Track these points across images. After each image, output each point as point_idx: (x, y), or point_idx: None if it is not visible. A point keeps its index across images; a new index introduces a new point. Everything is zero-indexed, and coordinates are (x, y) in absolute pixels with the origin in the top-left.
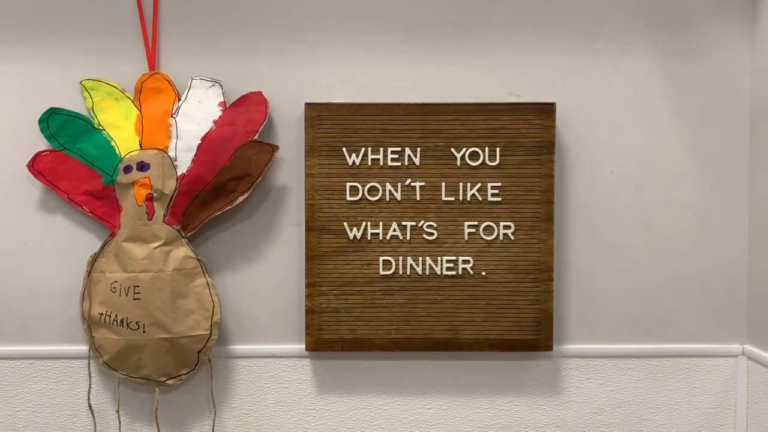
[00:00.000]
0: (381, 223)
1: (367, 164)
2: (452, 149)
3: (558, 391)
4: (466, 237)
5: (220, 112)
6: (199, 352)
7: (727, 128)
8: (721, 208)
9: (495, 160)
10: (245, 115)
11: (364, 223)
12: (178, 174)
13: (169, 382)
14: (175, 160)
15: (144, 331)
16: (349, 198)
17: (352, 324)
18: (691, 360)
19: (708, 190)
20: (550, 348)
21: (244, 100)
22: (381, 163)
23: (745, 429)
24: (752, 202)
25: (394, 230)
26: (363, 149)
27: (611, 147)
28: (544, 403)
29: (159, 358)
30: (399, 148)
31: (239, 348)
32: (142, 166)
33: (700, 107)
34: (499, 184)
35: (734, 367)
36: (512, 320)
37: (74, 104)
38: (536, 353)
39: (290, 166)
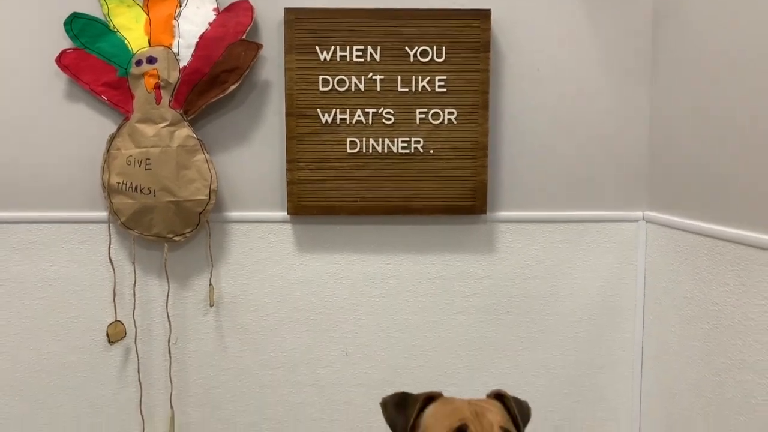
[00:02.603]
0: (348, 110)
1: (336, 60)
2: (406, 47)
3: (492, 250)
4: (417, 121)
5: (214, 16)
6: (200, 213)
7: (633, 25)
8: (626, 95)
9: (442, 57)
10: (235, 18)
11: (334, 109)
12: (181, 66)
13: (176, 238)
14: (178, 55)
15: (154, 196)
16: (321, 89)
17: (325, 193)
18: (601, 224)
19: (615, 79)
20: (484, 211)
21: (233, 7)
22: (348, 59)
23: (644, 279)
24: (653, 91)
25: (359, 116)
26: (333, 47)
27: (538, 48)
28: (480, 259)
29: (167, 218)
30: (363, 47)
31: (232, 214)
32: (151, 60)
33: (610, 13)
34: (445, 77)
35: (636, 230)
36: (454, 190)
37: (93, 11)
38: (474, 217)
39: (272, 63)
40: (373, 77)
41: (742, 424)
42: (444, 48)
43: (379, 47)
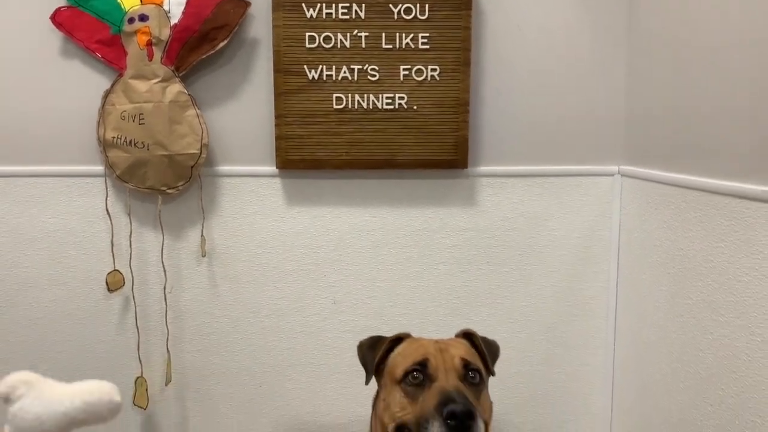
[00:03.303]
0: (334, 67)
1: (322, 17)
2: (390, 5)
3: (473, 203)
4: (401, 78)
5: None
6: (192, 167)
7: None
8: (603, 54)
9: (425, 14)
10: None
11: (320, 66)
12: (171, 24)
13: (169, 191)
14: (169, 12)
15: (148, 150)
16: (307, 45)
17: (312, 148)
18: (578, 178)
19: (593, 36)
20: (465, 166)
21: None
22: (333, 17)
23: (618, 231)
24: (630, 48)
25: (344, 72)
26: (319, 5)
27: (518, 6)
28: (462, 212)
29: (160, 171)
30: (348, 4)
31: (223, 168)
32: (143, 18)
33: None
34: (428, 34)
35: (612, 184)
36: (437, 144)
37: None
38: (456, 171)
39: (260, 20)
40: (358, 34)
41: (701, 360)
42: (427, 5)
43: (363, 4)
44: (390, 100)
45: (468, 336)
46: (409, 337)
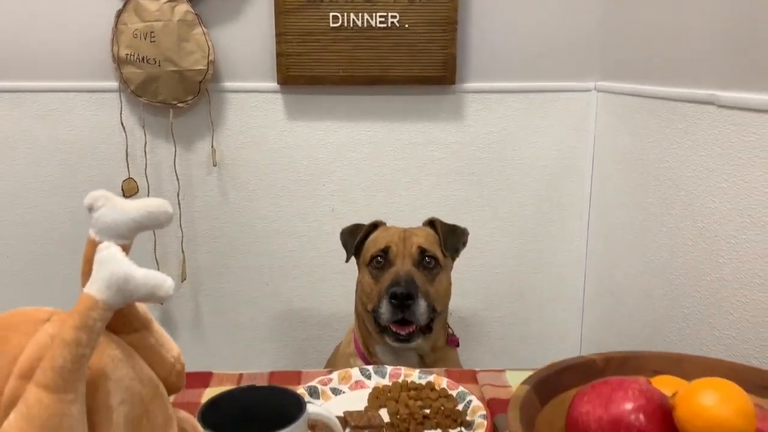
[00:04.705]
0: None
1: None
2: None
3: (460, 118)
4: None
5: None
6: (200, 82)
7: None
8: None
9: None
10: None
11: None
12: None
13: (180, 105)
14: None
15: (159, 66)
16: None
17: (311, 65)
18: (557, 94)
19: None
20: (453, 82)
21: None
22: None
23: (593, 143)
24: None
25: None
26: None
27: None
28: (450, 126)
29: (171, 86)
30: None
31: (229, 84)
32: None
33: None
34: None
35: (588, 99)
36: (427, 61)
37: None
38: (444, 88)
39: None
40: None
41: (657, 249)
42: None
43: None
44: (383, 19)
45: (432, 223)
46: (383, 225)
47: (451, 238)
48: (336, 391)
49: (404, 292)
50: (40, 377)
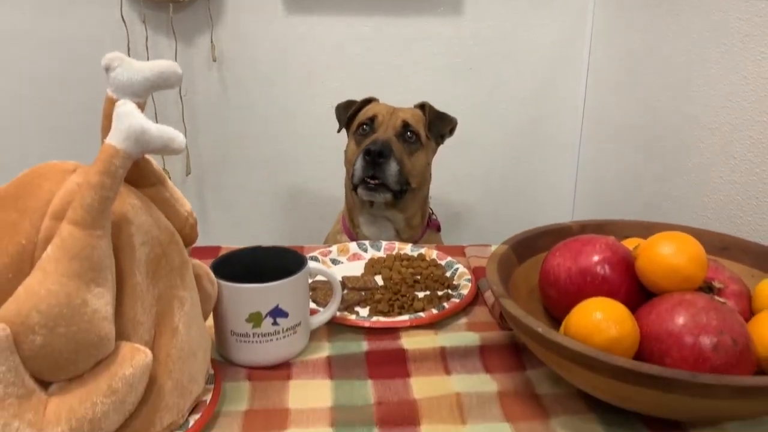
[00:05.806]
0: None
1: None
2: None
3: (458, 13)
4: None
5: None
6: None
7: None
8: None
9: None
10: None
11: None
12: None
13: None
14: None
15: None
16: None
17: None
18: None
19: None
20: None
21: None
22: None
23: (590, 35)
24: None
25: None
26: None
27: None
28: (448, 22)
29: None
30: None
31: None
32: None
33: None
34: None
35: None
36: None
37: None
38: None
39: None
40: None
41: (642, 131)
42: None
43: None
44: None
45: (423, 106)
46: (375, 101)
47: (438, 122)
48: (335, 262)
49: (377, 149)
50: (71, 215)
